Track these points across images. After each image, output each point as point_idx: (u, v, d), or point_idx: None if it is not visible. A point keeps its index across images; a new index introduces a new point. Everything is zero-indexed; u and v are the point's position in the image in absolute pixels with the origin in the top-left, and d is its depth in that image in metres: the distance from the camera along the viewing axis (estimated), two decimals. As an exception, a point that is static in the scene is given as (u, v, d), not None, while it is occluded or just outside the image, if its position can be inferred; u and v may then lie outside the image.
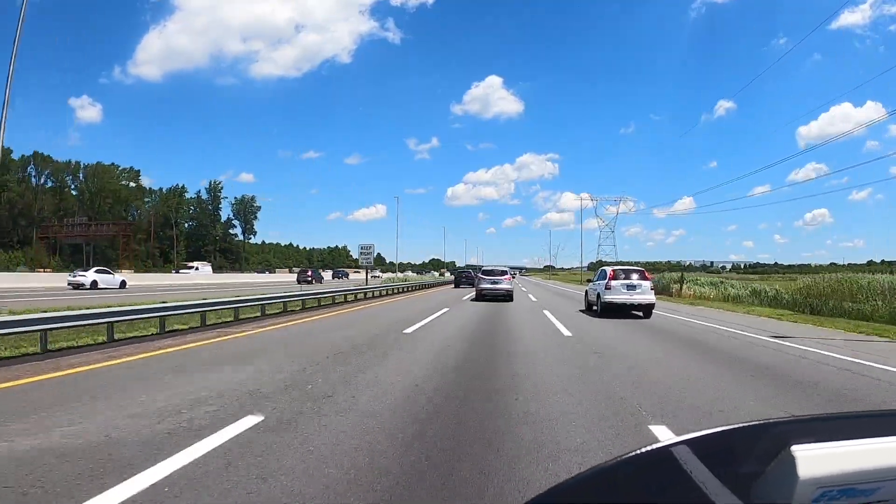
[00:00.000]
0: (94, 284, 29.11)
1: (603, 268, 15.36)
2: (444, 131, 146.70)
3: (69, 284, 29.26)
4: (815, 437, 0.57)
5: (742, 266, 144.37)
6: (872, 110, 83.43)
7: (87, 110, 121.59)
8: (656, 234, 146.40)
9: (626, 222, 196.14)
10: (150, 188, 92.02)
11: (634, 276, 13.80)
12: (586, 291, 16.45)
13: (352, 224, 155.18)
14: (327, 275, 69.69)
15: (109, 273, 32.10)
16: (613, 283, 13.49)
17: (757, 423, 0.60)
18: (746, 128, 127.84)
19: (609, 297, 13.41)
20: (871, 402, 5.03)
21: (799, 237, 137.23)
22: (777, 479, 0.55)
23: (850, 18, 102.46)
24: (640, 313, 13.79)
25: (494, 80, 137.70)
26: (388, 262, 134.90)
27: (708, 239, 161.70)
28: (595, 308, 14.47)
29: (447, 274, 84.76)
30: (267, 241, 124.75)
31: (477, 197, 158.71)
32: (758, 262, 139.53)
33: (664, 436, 3.56)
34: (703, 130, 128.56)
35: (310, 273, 50.46)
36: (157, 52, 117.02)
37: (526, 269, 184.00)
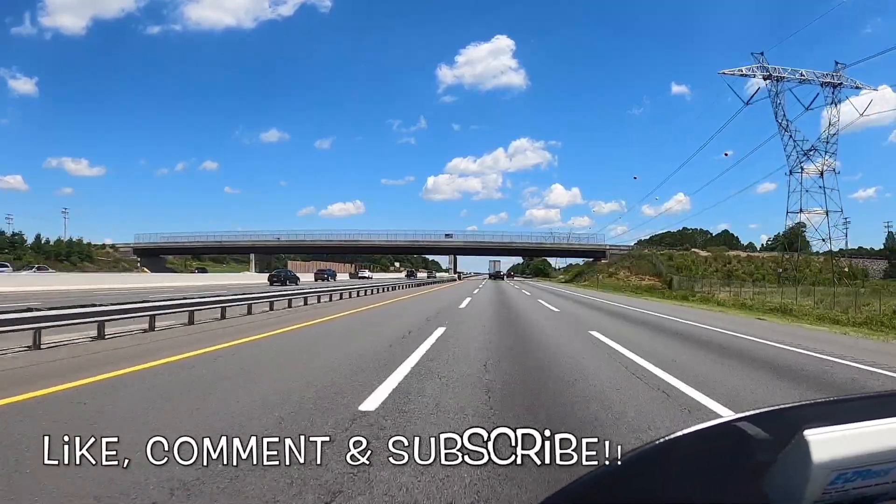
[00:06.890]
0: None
1: None
2: (430, 109, 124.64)
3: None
4: (827, 421, 0.57)
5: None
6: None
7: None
8: (641, 234, 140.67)
9: (616, 220, 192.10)
10: None
11: None
12: None
13: (327, 219, 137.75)
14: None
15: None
16: None
17: (768, 409, 0.60)
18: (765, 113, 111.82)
19: None
20: None
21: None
22: (792, 465, 0.56)
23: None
24: None
25: (505, 41, 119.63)
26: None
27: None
28: None
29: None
30: None
31: (459, 189, 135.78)
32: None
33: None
34: (721, 114, 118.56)
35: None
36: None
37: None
